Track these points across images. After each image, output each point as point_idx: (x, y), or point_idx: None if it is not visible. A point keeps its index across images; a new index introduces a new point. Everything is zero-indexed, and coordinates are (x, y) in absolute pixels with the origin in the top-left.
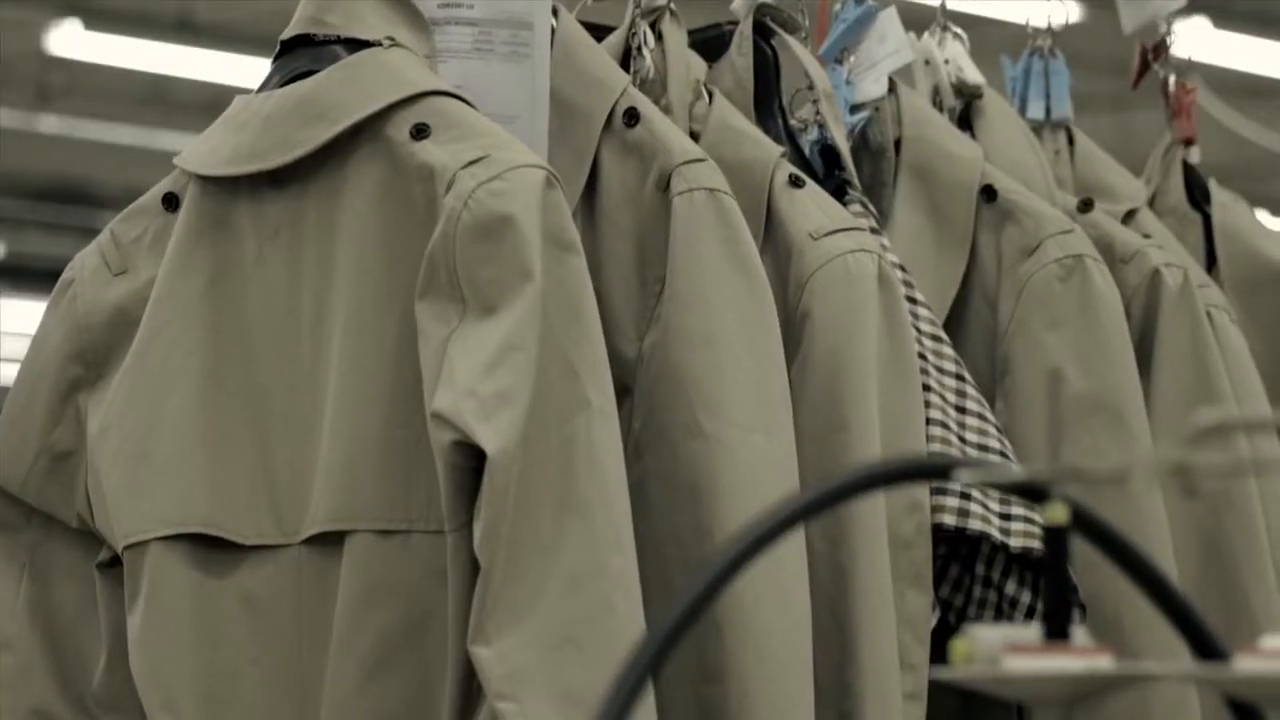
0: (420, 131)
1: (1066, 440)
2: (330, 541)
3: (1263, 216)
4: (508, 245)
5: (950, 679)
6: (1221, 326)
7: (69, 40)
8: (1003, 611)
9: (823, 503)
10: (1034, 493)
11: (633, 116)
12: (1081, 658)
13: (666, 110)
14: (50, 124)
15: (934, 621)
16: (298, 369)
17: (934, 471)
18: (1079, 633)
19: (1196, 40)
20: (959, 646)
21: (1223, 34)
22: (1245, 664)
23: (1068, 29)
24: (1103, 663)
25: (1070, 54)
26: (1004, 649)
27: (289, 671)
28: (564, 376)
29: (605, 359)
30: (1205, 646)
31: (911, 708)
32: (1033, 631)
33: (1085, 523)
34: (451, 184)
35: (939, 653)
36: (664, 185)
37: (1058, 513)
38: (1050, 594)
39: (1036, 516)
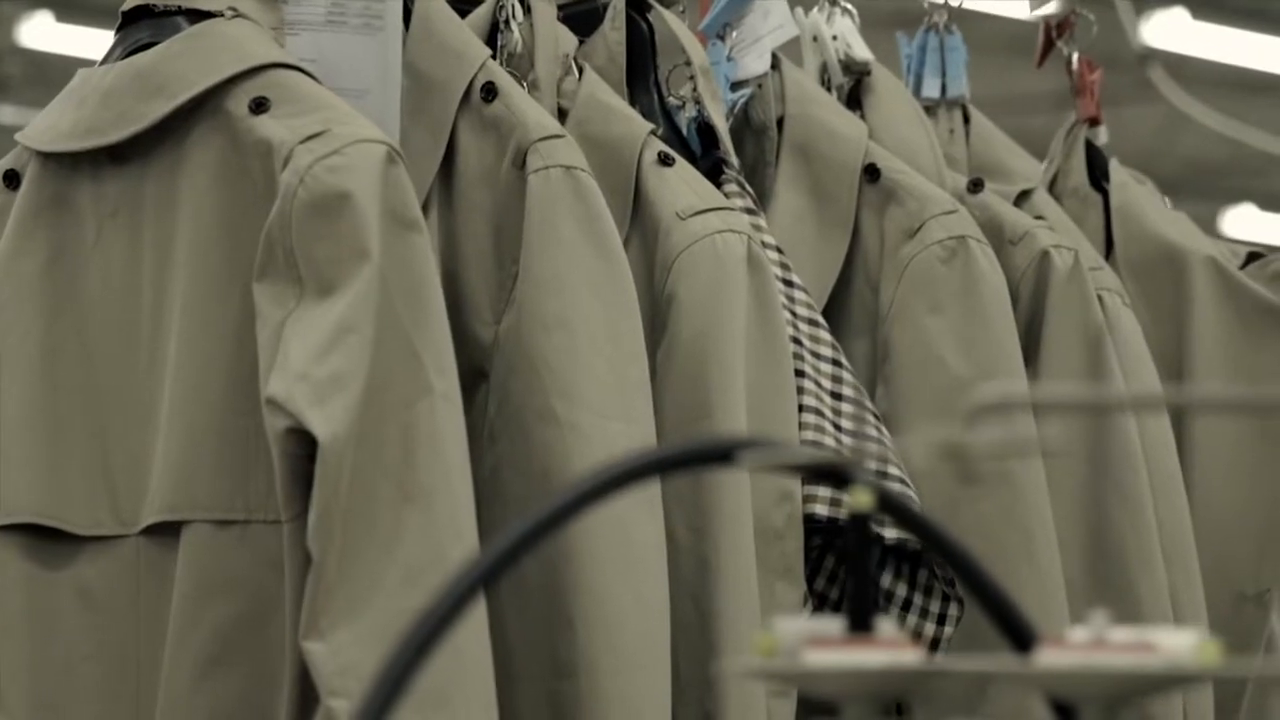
0: (259, 105)
1: (939, 426)
2: (167, 532)
3: (1252, 210)
4: (345, 223)
5: (749, 674)
6: (1113, 309)
7: (40, 33)
8: (878, 605)
9: (592, 496)
10: (837, 477)
11: (490, 91)
12: (885, 651)
13: (534, 86)
14: (15, 116)
15: (807, 614)
16: (136, 353)
17: (717, 456)
18: (885, 625)
19: (1176, 32)
20: (761, 640)
21: (1215, 28)
22: (1049, 658)
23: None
24: (906, 656)
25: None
26: (805, 642)
27: (125, 668)
28: (405, 360)
29: (449, 342)
30: (1023, 639)
31: (779, 705)
32: (836, 624)
33: (893, 509)
34: (289, 159)
35: None
36: (520, 162)
37: (862, 498)
38: (854, 584)
39: (914, 508)
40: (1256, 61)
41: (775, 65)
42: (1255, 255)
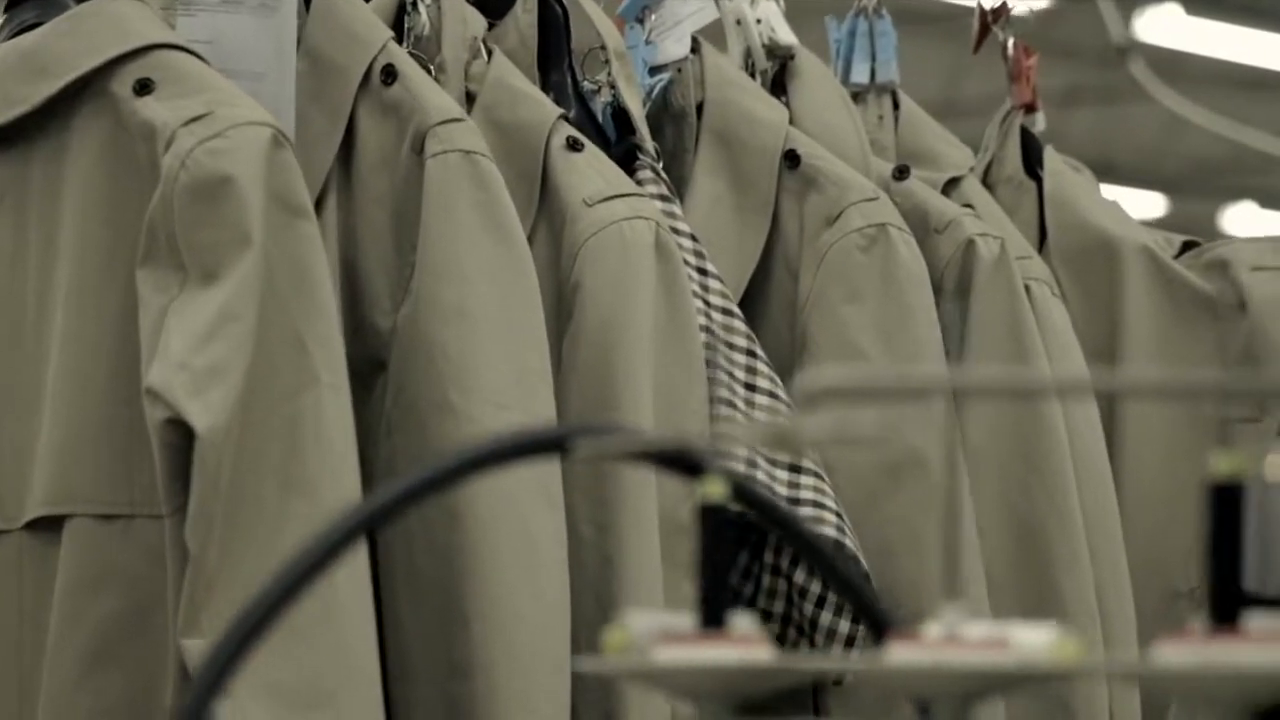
0: (143, 87)
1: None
2: (51, 527)
3: (1252, 208)
4: (227, 208)
5: (597, 671)
6: (1041, 299)
7: None
8: (792, 601)
9: (411, 496)
10: (688, 465)
11: (390, 74)
12: (738, 648)
13: (441, 69)
14: None
15: None
16: (21, 341)
17: (549, 446)
18: (741, 620)
19: (1169, 28)
20: (612, 635)
21: (1210, 23)
22: (900, 654)
23: (1053, 19)
24: (758, 653)
25: (1058, 45)
26: (656, 638)
27: (7, 666)
28: (290, 349)
29: (338, 331)
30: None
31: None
32: (688, 619)
33: (748, 499)
34: (171, 142)
35: None
36: (419, 147)
37: (715, 488)
38: (706, 576)
39: (827, 501)
40: (1253, 58)
41: (695, 49)
42: (1190, 244)
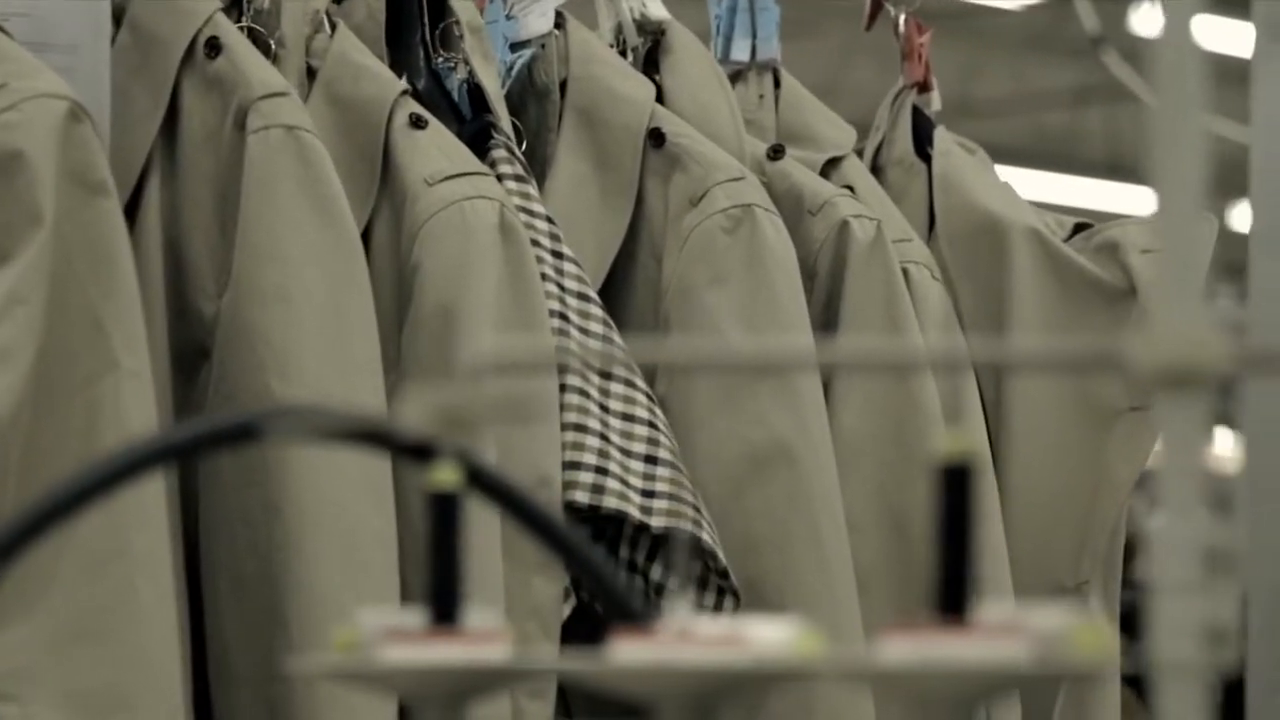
0: None
1: (731, 406)
2: None
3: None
4: (18, 185)
5: (317, 672)
6: (919, 283)
7: None
8: (649, 597)
9: (90, 493)
10: (417, 450)
11: (214, 47)
12: (468, 646)
13: (281, 44)
14: None
15: (568, 610)
16: None
17: (241, 434)
18: (479, 615)
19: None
20: (340, 634)
21: (1214, 19)
22: (625, 652)
23: (1063, 17)
24: (490, 652)
25: (1068, 44)
26: (384, 636)
27: None
28: (88, 333)
29: (140, 315)
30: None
31: (535, 706)
32: (419, 616)
33: (483, 483)
34: None
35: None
36: (241, 122)
37: (447, 476)
38: (437, 570)
39: (684, 494)
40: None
41: (560, 25)
42: (1083, 226)
